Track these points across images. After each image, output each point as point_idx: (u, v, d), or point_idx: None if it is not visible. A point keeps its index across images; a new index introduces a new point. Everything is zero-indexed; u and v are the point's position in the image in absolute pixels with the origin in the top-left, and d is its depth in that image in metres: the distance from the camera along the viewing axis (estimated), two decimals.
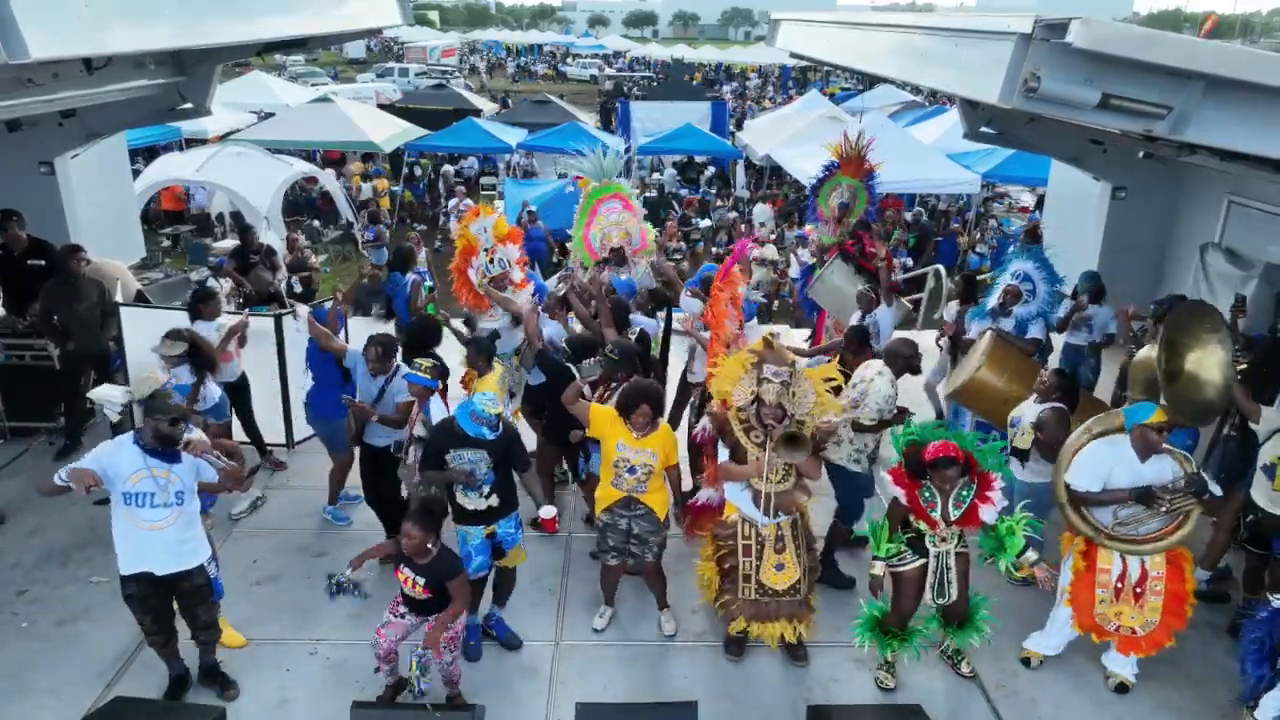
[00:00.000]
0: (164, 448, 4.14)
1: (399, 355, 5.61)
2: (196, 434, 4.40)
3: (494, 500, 4.69)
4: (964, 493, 4.41)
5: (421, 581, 4.17)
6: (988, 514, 4.40)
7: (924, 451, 4.38)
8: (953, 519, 4.43)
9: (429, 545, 4.12)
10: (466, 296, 7.09)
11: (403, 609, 4.36)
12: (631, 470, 4.81)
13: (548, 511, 5.00)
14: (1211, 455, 5.96)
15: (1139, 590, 4.61)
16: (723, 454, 4.81)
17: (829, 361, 5.63)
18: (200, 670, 4.68)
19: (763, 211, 17.72)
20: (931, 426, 4.63)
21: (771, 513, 4.70)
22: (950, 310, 7.92)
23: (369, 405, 5.43)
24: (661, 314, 6.65)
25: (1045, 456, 5.08)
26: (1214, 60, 3.80)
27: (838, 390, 4.97)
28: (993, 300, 6.93)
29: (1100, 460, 4.55)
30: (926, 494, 4.43)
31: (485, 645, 4.97)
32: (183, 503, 4.24)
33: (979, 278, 8.70)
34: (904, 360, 5.47)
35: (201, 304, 6.40)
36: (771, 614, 4.83)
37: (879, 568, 4.54)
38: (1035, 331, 6.71)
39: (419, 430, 5.17)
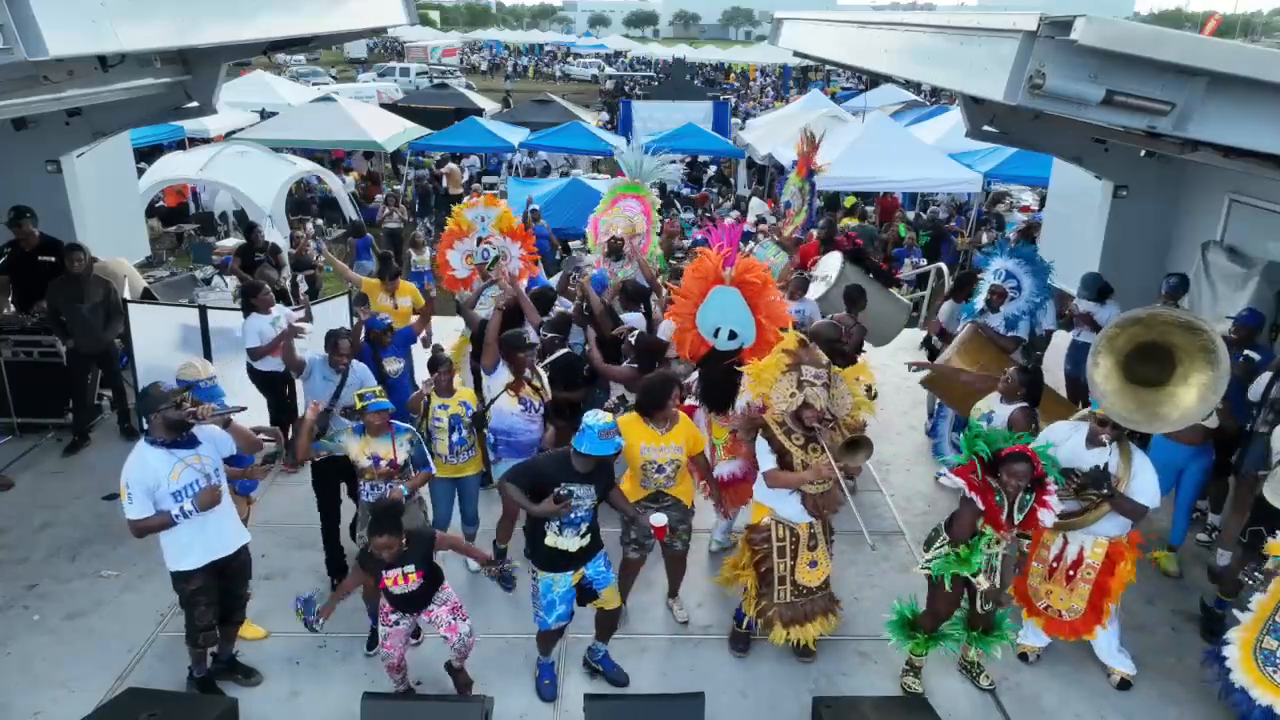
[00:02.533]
0: (179, 433, 4.15)
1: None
2: (208, 435, 4.39)
3: (586, 540, 4.42)
4: (1026, 497, 4.33)
5: (411, 569, 4.15)
6: (1047, 518, 4.32)
7: (997, 451, 4.29)
8: (1016, 523, 4.35)
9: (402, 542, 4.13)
10: (448, 279, 7.21)
11: (394, 616, 4.32)
12: (660, 470, 4.80)
13: (659, 519, 4.49)
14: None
15: (1071, 574, 4.74)
16: (766, 460, 4.63)
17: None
18: (219, 663, 4.71)
19: (758, 205, 17.76)
20: (1001, 434, 4.50)
21: (824, 510, 4.68)
22: (944, 309, 7.98)
23: (325, 405, 5.33)
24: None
25: None
26: (1217, 57, 3.83)
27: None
28: (979, 300, 6.98)
29: (1051, 436, 4.68)
30: (998, 499, 4.32)
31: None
32: (221, 478, 4.32)
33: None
34: (826, 343, 5.41)
35: (253, 297, 6.38)
36: (808, 614, 4.80)
37: (982, 581, 4.42)
38: (1020, 330, 6.75)
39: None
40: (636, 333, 6.14)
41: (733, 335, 5.51)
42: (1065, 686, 4.87)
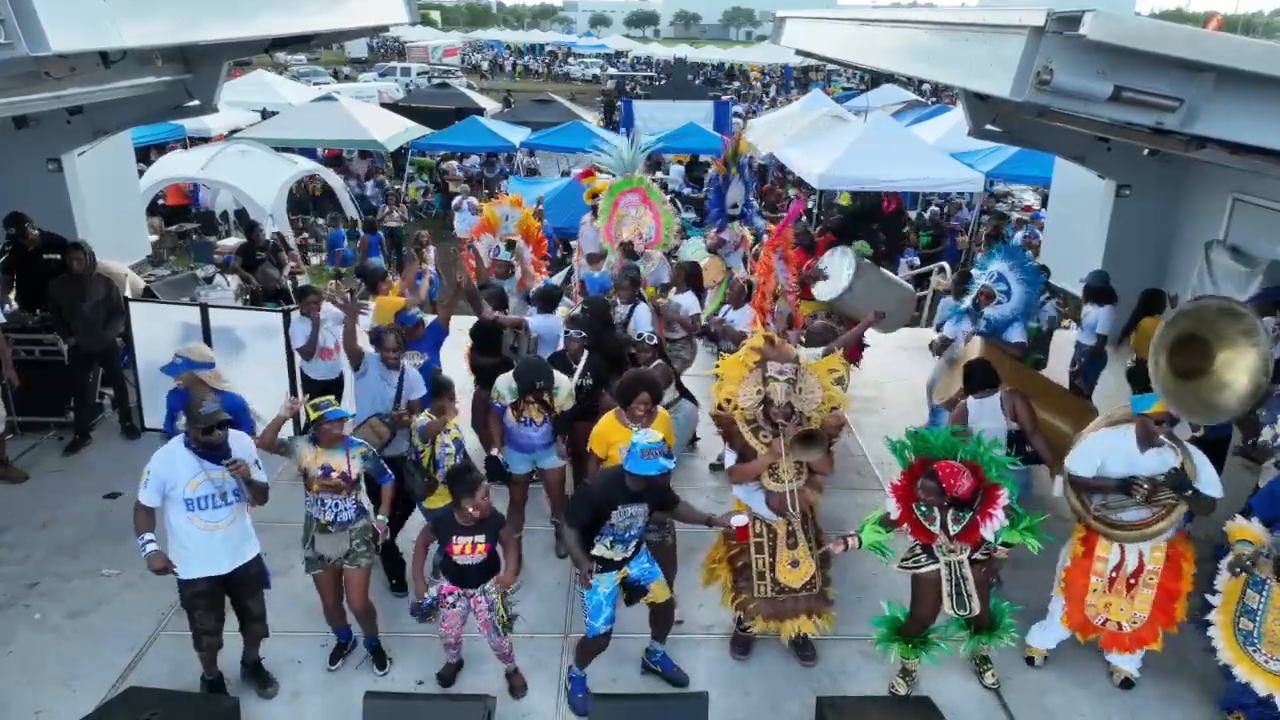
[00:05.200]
0: (211, 451, 4.18)
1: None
2: (243, 445, 4.35)
3: (632, 551, 4.42)
4: (962, 513, 4.27)
5: (481, 539, 4.19)
6: (988, 531, 4.25)
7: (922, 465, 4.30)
8: (953, 534, 4.30)
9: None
10: (467, 265, 7.26)
11: (450, 597, 4.37)
12: None
13: (740, 520, 4.39)
14: None
15: (1132, 582, 4.60)
16: (729, 456, 4.74)
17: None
18: (244, 667, 4.70)
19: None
20: (944, 434, 4.45)
21: (788, 510, 4.67)
22: (942, 306, 7.96)
23: (388, 409, 5.30)
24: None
25: None
26: (1225, 52, 3.80)
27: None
28: (967, 300, 6.92)
29: (1098, 447, 4.59)
30: (923, 509, 4.30)
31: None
32: (239, 498, 4.31)
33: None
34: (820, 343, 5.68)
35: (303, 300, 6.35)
36: (789, 611, 4.78)
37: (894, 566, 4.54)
38: (1016, 335, 6.65)
39: None
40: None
41: None
42: (1071, 687, 4.85)
